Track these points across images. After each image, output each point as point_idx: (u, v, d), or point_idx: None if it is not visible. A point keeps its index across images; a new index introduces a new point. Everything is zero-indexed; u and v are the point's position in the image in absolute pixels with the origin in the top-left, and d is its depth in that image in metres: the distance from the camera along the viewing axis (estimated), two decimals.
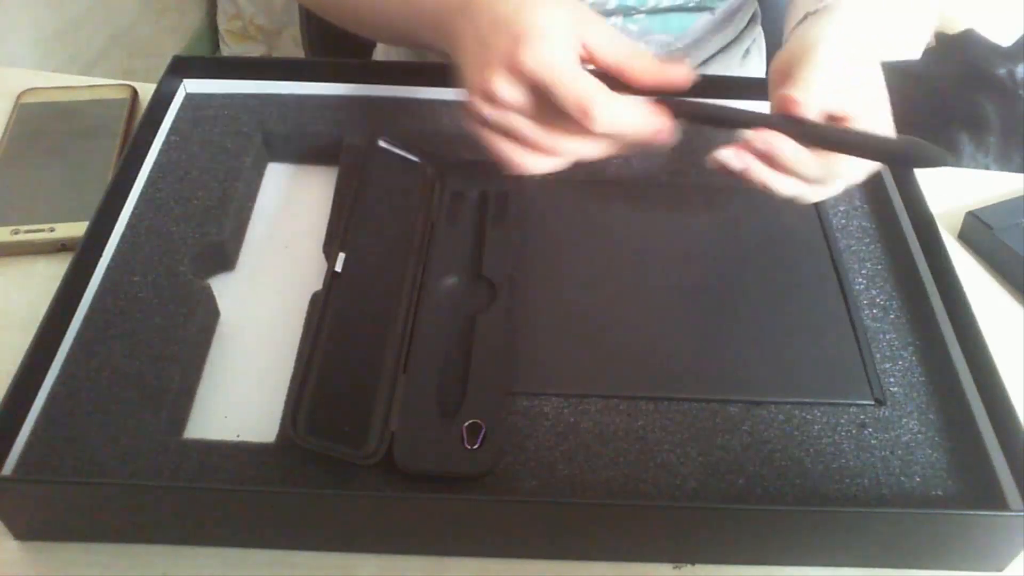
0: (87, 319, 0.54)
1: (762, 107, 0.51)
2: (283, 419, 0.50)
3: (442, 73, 0.71)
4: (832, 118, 0.48)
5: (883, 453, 0.50)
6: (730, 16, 0.80)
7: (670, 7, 0.74)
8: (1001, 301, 0.62)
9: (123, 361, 0.52)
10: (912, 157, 0.47)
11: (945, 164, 0.46)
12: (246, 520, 0.46)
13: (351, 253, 0.56)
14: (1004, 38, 1.30)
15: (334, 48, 0.96)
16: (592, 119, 0.46)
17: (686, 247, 0.60)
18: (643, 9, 0.74)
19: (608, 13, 0.74)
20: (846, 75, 0.49)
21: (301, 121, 0.67)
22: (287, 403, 0.50)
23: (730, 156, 0.49)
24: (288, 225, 0.63)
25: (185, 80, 0.69)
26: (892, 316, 0.57)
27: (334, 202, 0.62)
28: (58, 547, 0.47)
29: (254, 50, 1.81)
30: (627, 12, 0.74)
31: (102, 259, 0.57)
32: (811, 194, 0.51)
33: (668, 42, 0.78)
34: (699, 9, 0.76)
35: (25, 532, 0.47)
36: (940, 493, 0.48)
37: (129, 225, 0.60)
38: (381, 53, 0.90)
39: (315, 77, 0.70)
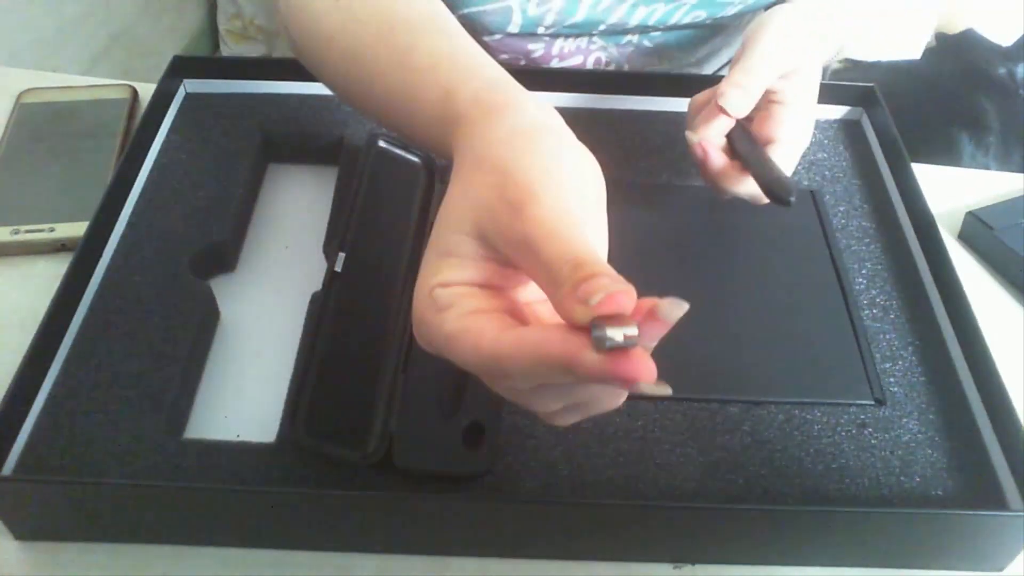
0: (87, 319, 0.54)
1: None
2: (283, 419, 0.50)
3: None
4: (768, 96, 0.57)
5: (883, 453, 0.50)
6: (741, 31, 0.81)
7: (685, 24, 0.74)
8: (1001, 301, 0.62)
9: (123, 361, 0.52)
10: (783, 199, 0.52)
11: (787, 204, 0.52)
12: (246, 520, 0.46)
13: (351, 253, 0.55)
14: (1004, 38, 1.30)
15: None
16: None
17: (686, 247, 0.60)
18: (659, 27, 0.74)
19: (625, 31, 0.74)
20: (786, 58, 0.56)
21: (301, 121, 0.67)
22: (287, 403, 0.50)
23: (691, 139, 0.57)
24: (288, 225, 0.63)
25: (185, 80, 0.69)
26: (892, 316, 0.57)
27: (334, 202, 0.62)
28: (58, 547, 0.47)
29: (254, 50, 1.81)
30: (643, 30, 0.74)
31: (102, 259, 0.57)
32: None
33: (681, 58, 0.79)
34: (713, 26, 0.77)
35: (25, 532, 0.47)
36: (940, 493, 0.48)
37: (129, 225, 0.60)
38: None
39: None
